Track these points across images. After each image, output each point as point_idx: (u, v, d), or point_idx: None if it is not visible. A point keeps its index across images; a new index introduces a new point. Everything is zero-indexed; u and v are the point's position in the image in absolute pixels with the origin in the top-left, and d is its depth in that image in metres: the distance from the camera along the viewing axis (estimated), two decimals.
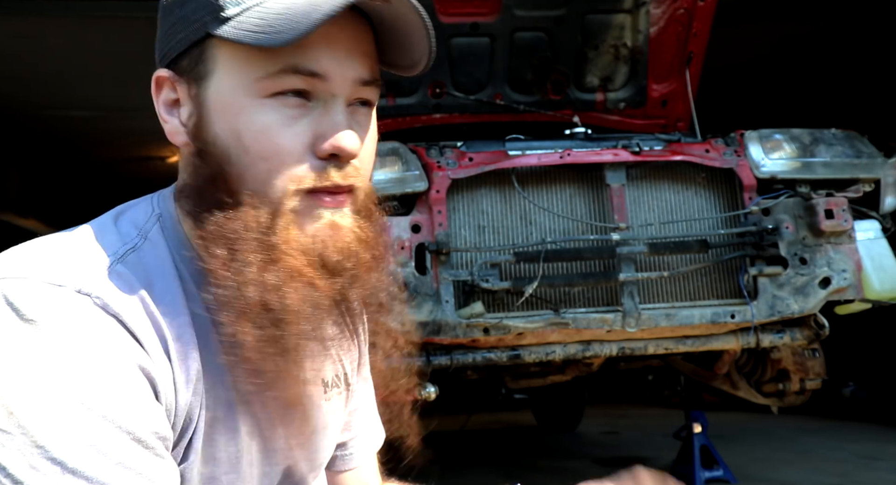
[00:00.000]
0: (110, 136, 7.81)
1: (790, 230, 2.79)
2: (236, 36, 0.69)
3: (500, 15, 3.63)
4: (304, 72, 0.70)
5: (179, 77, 0.75)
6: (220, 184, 0.72)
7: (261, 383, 0.71)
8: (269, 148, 0.70)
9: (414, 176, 2.70)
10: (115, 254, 0.71)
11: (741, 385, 3.41)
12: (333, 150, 0.71)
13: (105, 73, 6.00)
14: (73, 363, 0.62)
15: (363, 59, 0.74)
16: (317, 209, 0.72)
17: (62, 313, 0.63)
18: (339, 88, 0.72)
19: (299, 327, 0.70)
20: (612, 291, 2.75)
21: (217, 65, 0.72)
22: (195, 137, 0.74)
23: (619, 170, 2.81)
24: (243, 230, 0.70)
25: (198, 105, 0.73)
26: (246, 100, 0.71)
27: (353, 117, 0.74)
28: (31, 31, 5.32)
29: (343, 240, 0.73)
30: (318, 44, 0.70)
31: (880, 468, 4.05)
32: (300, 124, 0.71)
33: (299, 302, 0.70)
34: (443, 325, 2.61)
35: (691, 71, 3.70)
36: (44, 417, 0.60)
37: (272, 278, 0.69)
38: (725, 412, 5.77)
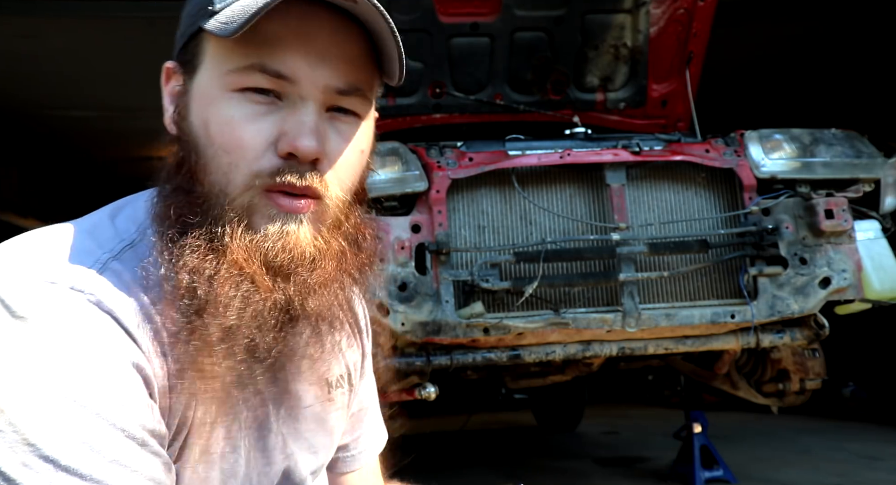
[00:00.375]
0: (110, 136, 7.81)
1: (790, 230, 2.79)
2: (209, 27, 0.70)
3: (500, 15, 3.63)
4: (270, 72, 0.70)
5: (180, 68, 0.77)
6: (186, 171, 0.72)
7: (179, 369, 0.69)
8: (231, 141, 0.70)
9: (414, 176, 2.70)
10: (110, 250, 0.71)
11: (741, 385, 3.41)
12: (290, 148, 0.70)
13: (105, 73, 6.00)
14: (64, 360, 0.61)
15: (341, 66, 0.72)
16: (271, 209, 0.71)
17: (54, 310, 0.63)
18: (307, 91, 0.71)
19: (222, 321, 0.68)
20: (612, 291, 2.75)
21: (204, 57, 0.74)
22: (177, 125, 0.75)
23: (619, 170, 2.81)
24: (192, 214, 0.70)
25: (185, 94, 0.75)
26: (217, 91, 0.71)
27: (330, 123, 0.73)
28: (31, 31, 5.32)
29: (293, 242, 0.71)
30: (291, 43, 0.70)
31: (880, 468, 4.05)
32: (265, 121, 0.71)
33: (228, 295, 0.68)
34: (443, 325, 2.61)
35: (691, 71, 3.70)
36: (35, 414, 0.59)
37: (208, 266, 0.68)
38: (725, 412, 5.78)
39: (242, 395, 0.75)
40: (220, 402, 0.72)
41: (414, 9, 3.54)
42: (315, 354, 0.77)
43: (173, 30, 0.78)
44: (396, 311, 2.58)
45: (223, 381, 0.70)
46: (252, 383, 0.74)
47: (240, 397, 0.74)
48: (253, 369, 0.72)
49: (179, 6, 0.80)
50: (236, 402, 0.74)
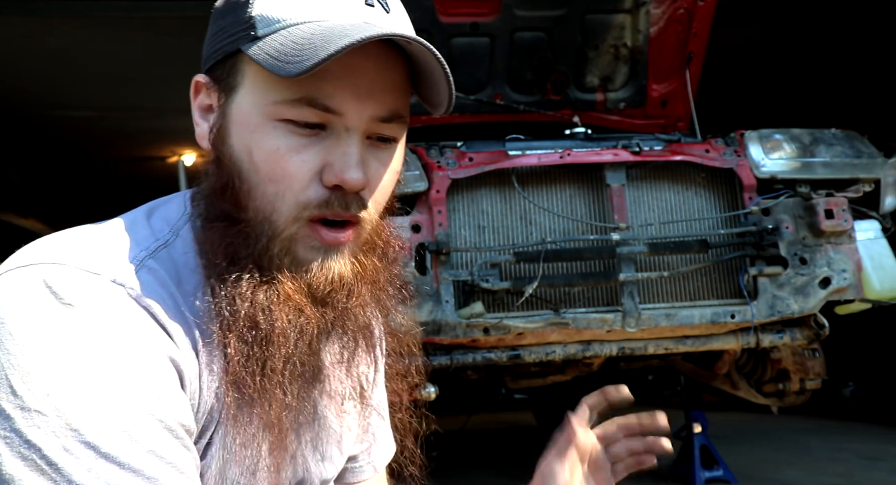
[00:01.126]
0: (110, 136, 7.81)
1: (790, 230, 2.79)
2: (257, 58, 0.70)
3: (500, 15, 3.63)
4: (318, 106, 0.70)
5: (214, 85, 0.77)
6: (230, 195, 0.73)
7: (239, 398, 0.71)
8: (277, 171, 0.71)
9: (414, 176, 2.70)
10: (147, 249, 0.72)
11: (741, 385, 3.41)
12: (338, 181, 0.71)
13: (105, 73, 6.00)
14: (109, 350, 0.63)
15: (387, 94, 0.73)
16: (314, 240, 0.73)
17: (99, 300, 0.65)
18: (353, 123, 0.72)
19: (284, 350, 0.71)
20: (612, 291, 2.75)
21: (244, 80, 0.73)
22: (215, 145, 0.76)
23: (619, 170, 2.81)
24: (244, 246, 0.72)
25: (222, 115, 0.75)
26: (261, 120, 0.71)
27: (370, 151, 0.74)
28: (31, 31, 5.32)
29: (335, 274, 0.73)
30: (339, 76, 0.70)
31: (880, 468, 4.05)
32: (310, 152, 0.71)
33: (286, 326, 0.71)
34: (443, 325, 2.61)
35: (691, 71, 3.70)
36: (79, 400, 0.61)
37: (263, 298, 0.70)
38: (725, 412, 5.77)
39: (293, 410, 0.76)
40: (281, 423, 0.74)
41: (414, 9, 3.50)
42: (339, 368, 0.81)
43: (173, 30, 0.78)
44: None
45: (284, 404, 0.73)
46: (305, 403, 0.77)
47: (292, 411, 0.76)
48: (306, 391, 0.76)
49: (179, 6, 0.79)
50: (286, 415, 0.75)
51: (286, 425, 0.75)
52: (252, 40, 0.71)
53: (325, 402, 0.83)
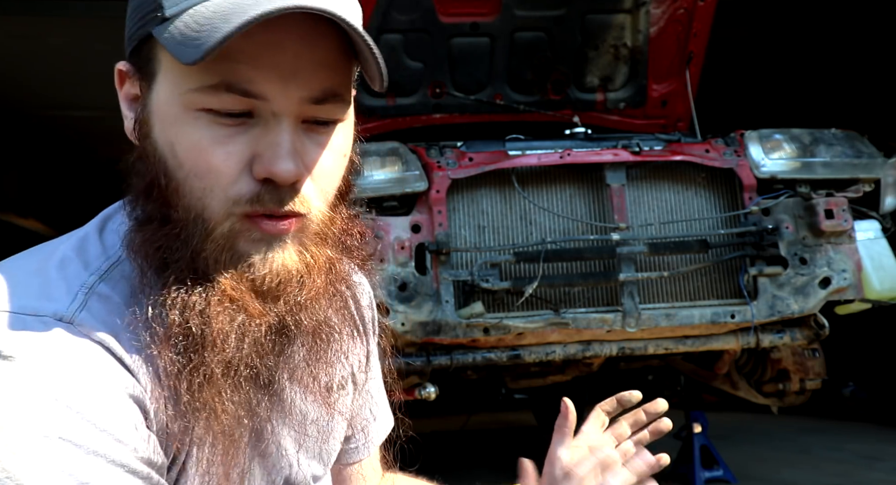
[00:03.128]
0: (110, 136, 7.81)
1: (790, 230, 2.79)
2: (164, 41, 0.63)
3: (500, 15, 3.63)
4: (238, 91, 0.63)
5: (135, 73, 0.70)
6: (157, 194, 0.67)
7: (176, 411, 0.65)
8: (202, 166, 0.64)
9: (414, 176, 2.70)
10: (97, 270, 0.67)
11: (741, 385, 3.41)
12: (267, 174, 0.64)
13: (105, 73, 5.98)
14: (56, 399, 0.58)
15: (316, 72, 0.65)
16: (253, 232, 0.66)
17: (42, 346, 0.60)
18: (281, 108, 0.65)
19: (222, 356, 0.65)
20: (612, 291, 2.75)
21: (160, 67, 0.67)
22: (139, 139, 0.69)
23: (619, 170, 2.81)
24: (174, 248, 0.66)
25: (143, 106, 0.69)
26: (180, 110, 0.65)
27: (308, 136, 0.67)
28: (31, 31, 5.32)
29: (280, 265, 0.67)
30: (258, 56, 0.63)
31: (880, 468, 4.05)
32: (236, 142, 0.65)
33: (224, 328, 0.65)
34: (443, 325, 2.61)
35: (691, 71, 3.70)
36: (29, 458, 0.57)
37: (196, 300, 0.64)
38: (725, 412, 5.77)
39: (243, 419, 0.72)
40: (230, 433, 0.70)
41: (414, 9, 3.54)
42: (317, 366, 0.75)
43: None
44: (396, 311, 2.58)
45: (230, 414, 0.67)
46: (260, 410, 0.72)
47: (240, 420, 0.71)
48: (258, 396, 0.70)
49: None
50: (235, 425, 0.72)
51: (234, 435, 0.68)
52: (161, 22, 0.64)
53: (310, 401, 0.80)
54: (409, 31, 3.60)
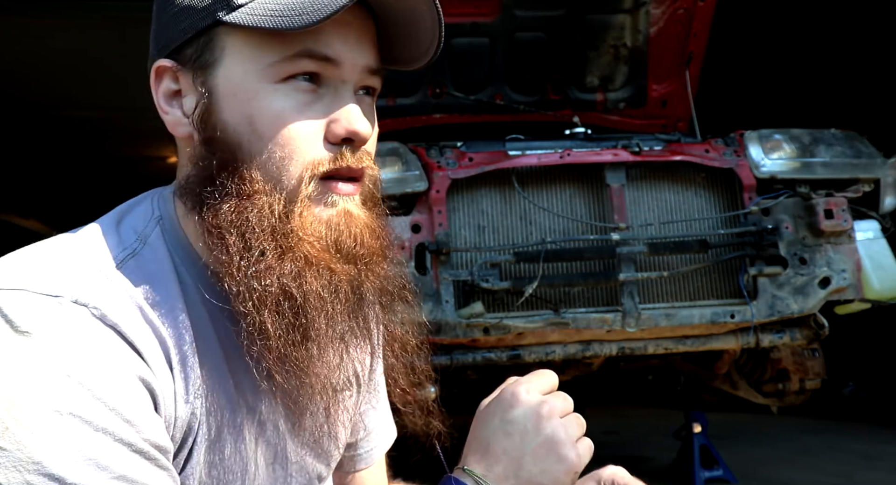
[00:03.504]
0: (111, 136, 7.82)
1: (790, 230, 2.79)
2: (252, 21, 0.69)
3: (500, 15, 3.63)
4: (318, 56, 0.71)
5: (183, 66, 0.74)
6: (232, 172, 0.71)
7: (287, 370, 0.70)
8: (284, 133, 0.70)
9: (414, 176, 2.70)
10: (114, 259, 0.70)
11: (741, 385, 3.41)
12: (348, 134, 0.72)
13: (105, 73, 6.00)
14: (69, 376, 0.60)
15: (371, 47, 0.75)
16: (331, 196, 0.72)
17: (58, 325, 0.62)
18: (349, 74, 0.73)
19: (322, 313, 0.70)
20: (612, 291, 2.75)
21: (225, 52, 0.71)
22: (203, 126, 0.73)
23: (618, 170, 2.81)
24: (258, 218, 0.69)
25: (206, 93, 0.72)
26: (259, 85, 0.70)
27: (360, 104, 0.75)
28: (31, 31, 5.32)
29: (356, 226, 0.73)
30: (332, 29, 0.71)
31: (880, 468, 4.04)
32: (313, 110, 0.72)
33: (319, 288, 0.70)
34: (443, 325, 2.61)
35: (691, 71, 3.70)
36: (40, 431, 0.58)
37: (290, 266, 0.69)
38: (725, 412, 5.77)
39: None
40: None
41: None
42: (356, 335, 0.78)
43: None
44: None
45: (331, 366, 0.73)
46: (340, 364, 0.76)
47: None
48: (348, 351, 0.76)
49: None
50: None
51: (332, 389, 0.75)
52: (232, 10, 0.70)
53: (318, 397, 0.80)
54: None
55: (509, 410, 0.72)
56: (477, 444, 0.73)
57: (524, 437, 0.70)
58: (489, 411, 0.74)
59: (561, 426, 0.71)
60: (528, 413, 0.71)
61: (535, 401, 0.72)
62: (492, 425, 0.72)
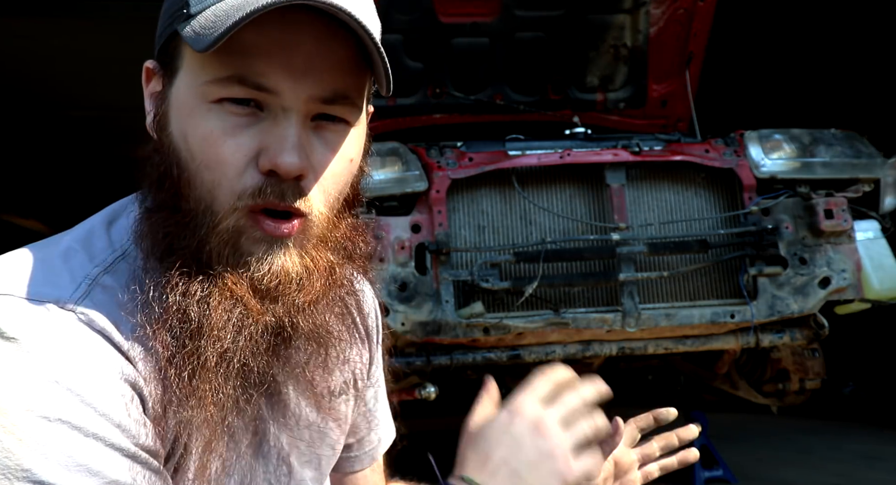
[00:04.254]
0: (111, 136, 7.82)
1: (790, 230, 2.79)
2: (184, 35, 0.66)
3: (500, 15, 3.64)
4: (250, 84, 0.65)
5: (160, 70, 0.73)
6: (169, 185, 0.69)
7: (172, 399, 0.66)
8: (211, 157, 0.66)
9: (414, 176, 2.70)
10: (102, 263, 0.69)
11: (741, 385, 3.41)
12: (271, 166, 0.66)
13: (105, 74, 6.00)
14: (57, 382, 0.59)
15: (325, 73, 0.67)
16: (256, 232, 0.68)
17: (45, 331, 0.61)
18: (290, 103, 0.66)
19: (218, 345, 0.66)
20: (611, 291, 2.75)
21: (183, 62, 0.69)
22: (156, 133, 0.72)
23: (618, 170, 2.81)
24: (180, 236, 0.67)
25: (164, 100, 0.71)
26: (195, 102, 0.67)
27: (316, 134, 0.69)
28: (31, 31, 5.32)
29: (279, 267, 0.68)
30: (272, 52, 0.65)
31: (880, 468, 4.04)
32: (245, 135, 0.66)
33: (222, 319, 0.66)
34: (443, 325, 2.61)
35: (691, 71, 3.70)
36: (29, 438, 0.58)
37: (197, 289, 0.66)
38: (725, 412, 5.77)
39: (239, 418, 0.73)
40: (215, 423, 0.70)
41: (414, 9, 3.54)
42: (314, 371, 0.76)
43: None
44: (396, 311, 2.58)
45: (219, 404, 0.68)
46: (249, 407, 0.72)
47: (236, 419, 0.72)
48: (249, 394, 0.71)
49: None
50: (232, 424, 0.72)
51: (217, 428, 0.69)
52: (186, 19, 0.67)
53: (309, 405, 0.80)
54: (409, 31, 3.61)
55: (509, 426, 0.70)
56: (475, 454, 0.71)
57: (522, 450, 0.69)
58: (487, 427, 0.72)
59: (559, 442, 0.69)
60: (526, 428, 0.70)
61: (533, 416, 0.70)
62: (491, 438, 0.71)
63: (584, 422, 0.71)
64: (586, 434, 0.71)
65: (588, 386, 0.73)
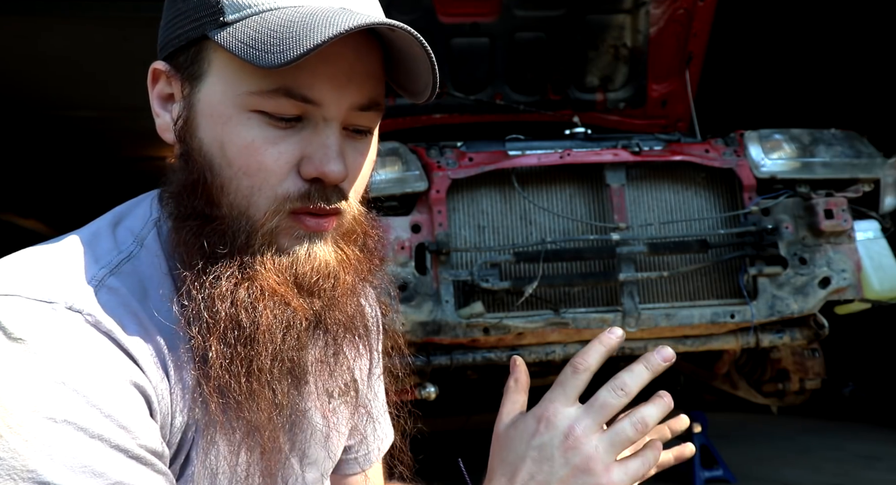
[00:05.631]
0: (111, 136, 7.82)
1: (790, 230, 2.79)
2: (230, 46, 0.66)
3: (500, 15, 3.64)
4: (297, 97, 0.67)
5: (175, 73, 0.72)
6: (202, 192, 0.69)
7: (224, 402, 0.67)
8: (252, 164, 0.67)
9: (414, 176, 2.70)
10: (108, 264, 0.69)
11: (741, 385, 3.41)
12: (318, 174, 0.68)
13: (105, 74, 6.00)
14: (63, 383, 0.60)
15: (364, 83, 0.70)
16: (297, 230, 0.70)
17: (52, 332, 0.61)
18: (332, 114, 0.69)
19: (270, 347, 0.68)
20: (611, 291, 2.75)
21: (211, 68, 0.69)
22: (182, 139, 0.72)
23: (618, 170, 2.81)
24: (219, 243, 0.68)
25: (188, 106, 0.71)
26: (234, 110, 0.68)
27: (347, 142, 0.72)
28: (31, 31, 5.32)
29: (321, 261, 0.71)
30: (316, 66, 0.67)
31: (880, 468, 4.04)
32: (287, 143, 0.68)
33: (271, 321, 0.68)
34: (443, 325, 2.61)
35: (691, 71, 3.70)
36: (35, 439, 0.58)
37: (244, 295, 0.67)
38: (725, 412, 5.77)
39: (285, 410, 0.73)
40: (275, 424, 0.71)
41: (414, 9, 3.54)
42: (326, 368, 0.77)
43: None
44: (396, 311, 2.58)
45: (279, 405, 0.70)
46: (295, 401, 0.74)
47: (281, 412, 0.73)
48: (293, 390, 0.73)
49: None
50: (276, 416, 0.73)
51: (277, 426, 0.71)
52: (220, 26, 0.67)
53: (313, 404, 0.81)
54: None
55: (536, 435, 0.67)
56: (503, 467, 0.69)
57: (552, 465, 0.66)
58: (515, 434, 0.70)
59: (593, 453, 0.65)
60: (555, 440, 0.66)
61: (563, 426, 0.66)
62: (518, 449, 0.68)
63: (627, 426, 0.66)
64: (628, 436, 0.66)
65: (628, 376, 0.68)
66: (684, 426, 0.87)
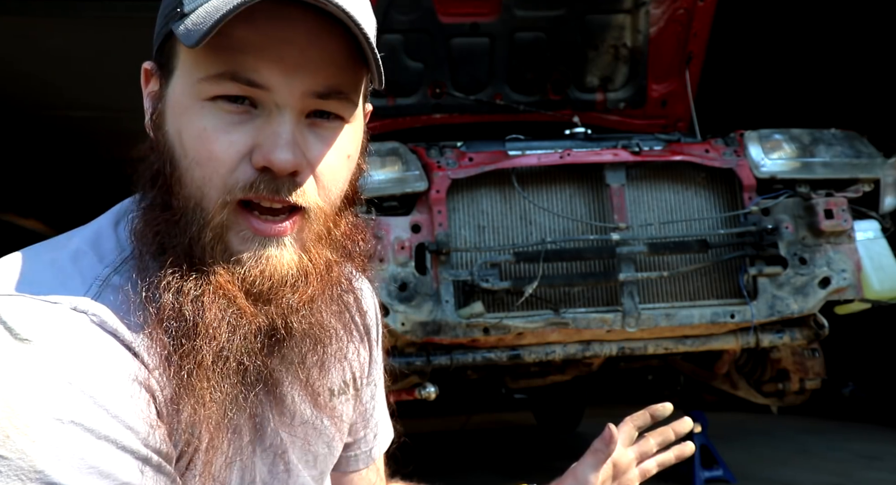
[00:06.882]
0: (110, 136, 7.82)
1: (790, 230, 2.79)
2: (177, 32, 0.66)
3: (500, 15, 3.64)
4: (242, 80, 0.66)
5: (157, 70, 0.73)
6: (162, 183, 0.69)
7: (171, 396, 0.66)
8: (203, 153, 0.66)
9: (414, 176, 2.70)
10: (111, 263, 0.69)
11: (741, 385, 3.41)
12: (266, 163, 0.66)
13: (105, 74, 6.00)
14: (70, 384, 0.60)
15: (322, 68, 0.67)
16: (244, 231, 0.68)
17: (58, 332, 0.61)
18: (283, 100, 0.67)
19: (214, 344, 0.66)
20: (611, 291, 2.75)
21: (178, 61, 0.69)
22: (153, 132, 0.72)
23: (618, 170, 2.81)
24: (172, 234, 0.68)
25: (160, 100, 0.72)
26: (189, 100, 0.67)
27: (311, 131, 0.69)
28: (31, 31, 5.32)
29: (274, 267, 0.68)
30: (264, 48, 0.65)
31: (880, 468, 4.05)
32: (239, 131, 0.66)
33: (216, 317, 0.66)
34: (443, 325, 2.61)
35: (691, 71, 3.70)
36: (42, 440, 0.58)
37: (191, 287, 0.66)
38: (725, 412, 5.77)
39: (239, 416, 0.73)
40: (216, 421, 0.70)
41: (414, 9, 3.54)
42: (312, 369, 0.76)
43: None
44: (396, 311, 2.58)
45: (217, 403, 0.68)
46: (246, 405, 0.72)
47: (237, 417, 0.72)
48: (245, 392, 0.71)
49: None
50: (234, 422, 0.73)
51: (220, 426, 0.68)
52: (180, 18, 0.67)
53: (308, 403, 0.80)
54: (409, 32, 3.61)
55: None
56: None
57: None
58: None
59: None
60: None
61: None
62: None
63: None
64: None
65: None
66: (687, 428, 0.89)
